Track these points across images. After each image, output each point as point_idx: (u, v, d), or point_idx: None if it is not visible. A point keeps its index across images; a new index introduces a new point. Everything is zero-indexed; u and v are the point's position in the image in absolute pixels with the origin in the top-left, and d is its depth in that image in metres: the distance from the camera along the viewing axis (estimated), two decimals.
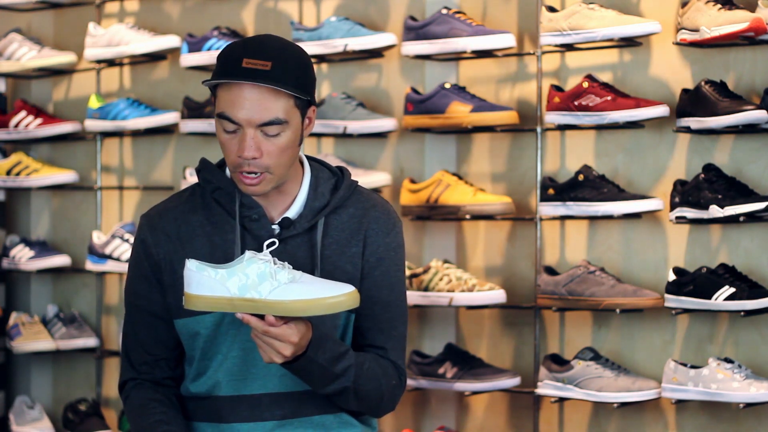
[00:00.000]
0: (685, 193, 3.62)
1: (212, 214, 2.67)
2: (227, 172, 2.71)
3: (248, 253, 2.46)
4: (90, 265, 4.72)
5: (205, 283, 2.45)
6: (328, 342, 2.56)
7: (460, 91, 4.01)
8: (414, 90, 4.10)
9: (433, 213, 4.03)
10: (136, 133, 4.72)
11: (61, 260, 4.83)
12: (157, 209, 2.74)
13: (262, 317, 2.46)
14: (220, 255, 2.61)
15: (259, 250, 2.52)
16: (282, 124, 2.55)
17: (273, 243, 2.53)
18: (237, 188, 2.64)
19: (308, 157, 2.74)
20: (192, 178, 4.45)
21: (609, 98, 3.74)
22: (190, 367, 2.70)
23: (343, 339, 2.68)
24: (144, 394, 2.70)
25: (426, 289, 3.97)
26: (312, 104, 2.63)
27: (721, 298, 3.52)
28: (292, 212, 2.66)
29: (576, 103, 3.78)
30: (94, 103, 4.72)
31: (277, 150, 2.56)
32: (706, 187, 3.57)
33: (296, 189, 2.67)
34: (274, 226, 2.64)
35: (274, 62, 2.53)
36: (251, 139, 2.54)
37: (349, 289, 2.46)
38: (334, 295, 2.45)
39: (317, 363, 2.53)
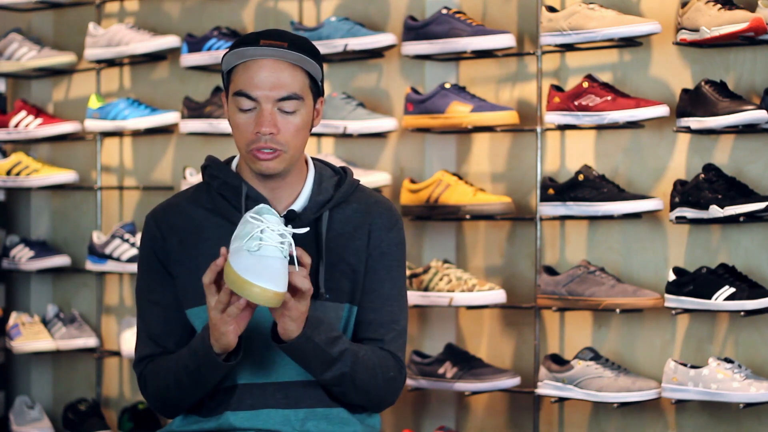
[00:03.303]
0: (685, 193, 3.62)
1: (218, 207, 2.72)
2: (233, 167, 2.75)
3: (266, 209, 2.50)
4: (90, 265, 4.72)
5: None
6: (323, 324, 2.59)
7: (460, 91, 4.01)
8: (414, 90, 4.10)
9: (433, 213, 4.03)
10: (136, 133, 4.72)
11: (61, 260, 4.83)
12: (161, 206, 2.79)
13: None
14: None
15: None
16: (299, 100, 2.64)
17: (292, 217, 2.63)
18: (243, 181, 2.70)
19: (312, 158, 2.78)
20: (192, 179, 4.45)
21: (609, 98, 3.74)
22: None
23: (344, 332, 2.71)
24: (158, 361, 2.72)
25: (426, 289, 3.97)
26: (321, 96, 2.72)
27: (721, 298, 3.52)
28: (297, 206, 2.72)
29: (576, 103, 3.78)
30: (94, 103, 4.72)
31: (293, 129, 2.64)
32: (706, 187, 3.57)
33: (301, 184, 2.73)
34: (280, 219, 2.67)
35: (290, 43, 2.63)
36: (269, 114, 2.62)
37: (274, 288, 2.42)
38: (255, 283, 2.42)
39: (314, 342, 2.56)
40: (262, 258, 2.45)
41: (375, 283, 2.72)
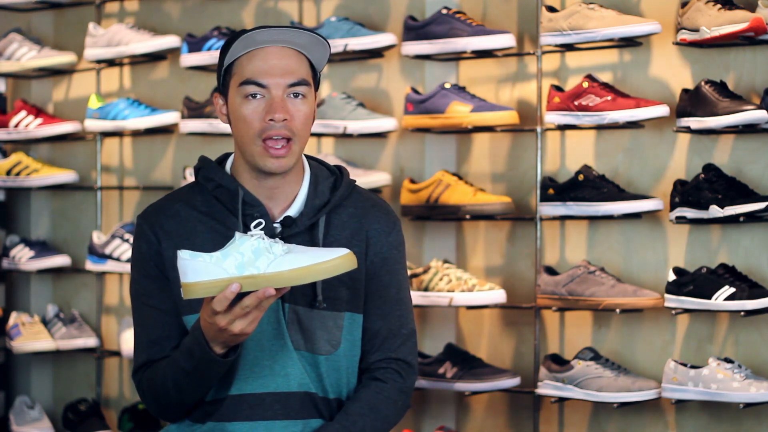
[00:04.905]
0: (685, 193, 3.62)
1: (213, 211, 2.67)
2: (227, 168, 2.71)
3: (238, 234, 2.44)
4: (90, 265, 4.72)
5: (200, 269, 2.41)
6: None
7: (460, 91, 4.01)
8: (414, 90, 4.10)
9: (433, 213, 4.03)
10: (136, 133, 4.72)
11: (61, 260, 4.83)
12: (153, 207, 2.73)
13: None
14: None
15: None
16: (307, 86, 2.62)
17: (260, 223, 2.55)
18: (239, 185, 2.65)
19: (307, 156, 2.75)
20: (191, 179, 4.45)
21: (609, 98, 3.74)
22: None
23: (348, 341, 2.69)
24: (154, 367, 2.69)
25: (426, 289, 3.97)
26: (317, 91, 2.70)
27: (721, 298, 3.52)
28: (293, 210, 2.67)
29: (576, 103, 3.78)
30: (94, 103, 4.72)
31: (303, 116, 2.62)
32: (706, 187, 3.57)
33: (297, 187, 2.69)
34: (276, 225, 2.65)
35: (295, 31, 2.60)
36: (281, 100, 2.59)
37: (344, 251, 2.45)
38: (330, 258, 2.43)
39: None
40: (298, 247, 2.45)
41: (380, 289, 2.70)
